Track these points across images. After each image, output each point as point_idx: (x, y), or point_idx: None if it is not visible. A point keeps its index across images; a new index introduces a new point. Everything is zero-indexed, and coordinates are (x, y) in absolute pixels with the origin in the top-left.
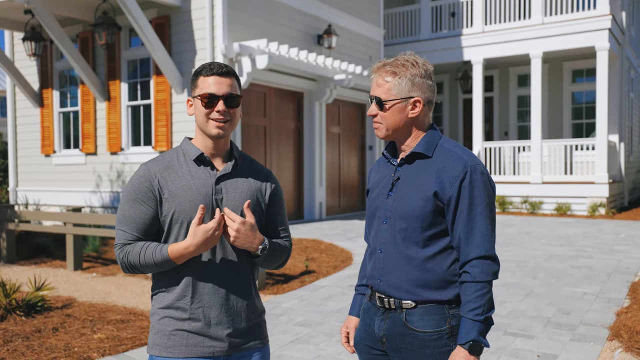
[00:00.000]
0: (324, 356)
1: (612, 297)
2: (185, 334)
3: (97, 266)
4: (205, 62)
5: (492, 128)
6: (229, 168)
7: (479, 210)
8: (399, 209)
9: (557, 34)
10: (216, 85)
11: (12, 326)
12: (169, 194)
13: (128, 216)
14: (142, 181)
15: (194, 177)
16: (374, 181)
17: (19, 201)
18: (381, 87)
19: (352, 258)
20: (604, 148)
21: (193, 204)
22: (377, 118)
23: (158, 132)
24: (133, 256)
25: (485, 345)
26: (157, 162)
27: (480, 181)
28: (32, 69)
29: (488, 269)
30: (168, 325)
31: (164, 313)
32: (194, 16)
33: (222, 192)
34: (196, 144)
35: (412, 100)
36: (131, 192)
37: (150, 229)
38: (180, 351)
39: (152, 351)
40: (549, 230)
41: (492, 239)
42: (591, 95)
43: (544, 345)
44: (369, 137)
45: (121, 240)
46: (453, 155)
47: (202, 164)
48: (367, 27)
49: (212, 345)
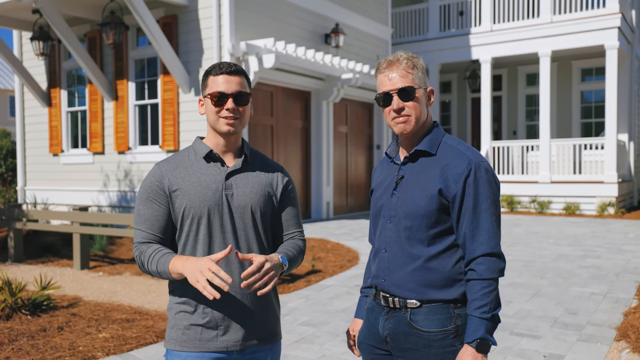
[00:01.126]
0: (328, 356)
1: (620, 297)
2: (199, 329)
3: (104, 265)
4: (215, 62)
5: (501, 127)
6: (239, 164)
7: (484, 207)
8: (403, 207)
9: (566, 32)
10: (225, 84)
11: (17, 325)
12: (179, 191)
13: (142, 215)
14: (153, 180)
15: (204, 173)
16: (377, 181)
17: (27, 200)
18: (406, 77)
19: (358, 258)
20: (613, 147)
21: (203, 199)
22: (406, 110)
23: (165, 132)
24: (144, 258)
25: (493, 343)
26: (169, 161)
27: (485, 178)
28: (40, 68)
29: (494, 266)
30: (183, 319)
31: (179, 308)
32: (201, 15)
33: (232, 187)
34: (207, 142)
35: (429, 90)
36: (144, 192)
37: (166, 227)
38: (195, 345)
39: (168, 345)
40: (557, 230)
41: (497, 236)
42: (600, 94)
43: (550, 346)
44: (377, 137)
45: (138, 239)
46: (457, 153)
47: (211, 160)
48: (375, 26)
49: (226, 340)
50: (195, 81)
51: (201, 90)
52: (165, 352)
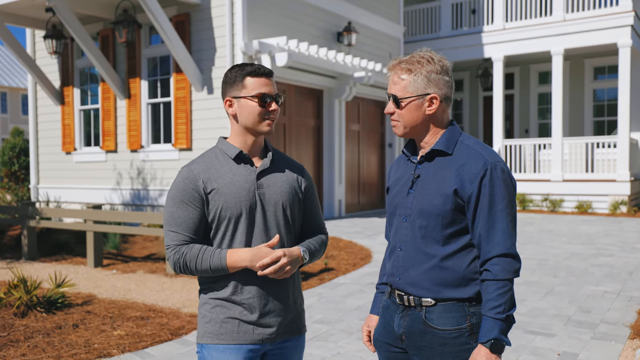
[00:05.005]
0: (342, 354)
1: (634, 295)
2: (236, 322)
3: (117, 263)
4: (239, 63)
5: (513, 126)
6: (267, 163)
7: (500, 208)
8: (419, 206)
9: (578, 30)
10: (267, 86)
11: (32, 322)
12: (215, 192)
13: (177, 217)
14: (187, 183)
15: (236, 174)
16: (393, 179)
17: (40, 198)
18: (397, 84)
19: (371, 256)
20: (625, 146)
21: (238, 200)
22: (395, 116)
23: (178, 130)
24: (190, 258)
25: (507, 344)
26: (199, 162)
27: (501, 178)
28: (53, 66)
29: (509, 266)
30: (220, 313)
31: (216, 303)
32: (214, 14)
33: (263, 186)
34: (234, 142)
35: (429, 97)
36: (177, 194)
37: (200, 228)
38: (232, 337)
39: (204, 339)
40: (569, 229)
41: (512, 237)
42: (613, 92)
43: (564, 344)
44: (389, 135)
45: (174, 241)
46: (473, 153)
47: (241, 161)
48: (387, 24)
49: (262, 332)
50: (207, 79)
51: (227, 90)
52: (198, 349)
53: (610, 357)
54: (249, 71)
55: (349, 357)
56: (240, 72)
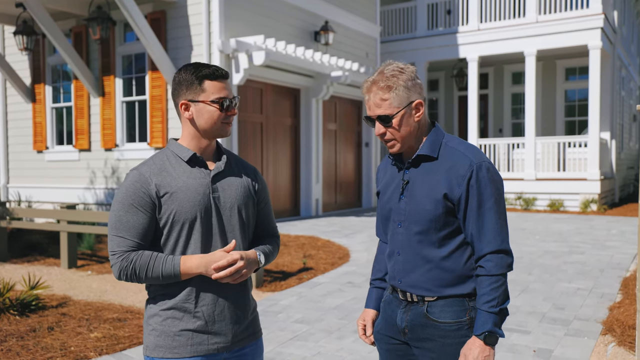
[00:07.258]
0: (323, 353)
1: (605, 292)
2: (190, 334)
3: (92, 264)
4: (193, 63)
5: (487, 125)
6: (222, 166)
7: (488, 207)
8: (411, 212)
9: (550, 32)
10: (226, 90)
11: (6, 326)
12: (168, 196)
13: (125, 222)
14: (137, 186)
15: (190, 177)
16: (383, 183)
17: (10, 198)
18: (381, 106)
19: (349, 255)
20: (596, 145)
21: (193, 204)
22: (388, 135)
23: (153, 129)
24: (140, 265)
25: (501, 336)
26: (149, 165)
27: (487, 178)
28: (24, 63)
29: (501, 262)
30: (172, 326)
31: (167, 314)
32: (190, 11)
33: (218, 190)
34: (187, 145)
35: (414, 104)
36: (126, 198)
37: (149, 234)
38: (186, 351)
39: (155, 353)
40: (542, 227)
41: (503, 233)
42: (584, 93)
43: (539, 340)
44: (365, 134)
45: (122, 247)
46: (458, 155)
47: (195, 164)
48: (364, 24)
49: (217, 341)
50: None
51: (181, 93)
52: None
53: (583, 353)
54: (206, 74)
55: (329, 356)
56: (197, 74)
